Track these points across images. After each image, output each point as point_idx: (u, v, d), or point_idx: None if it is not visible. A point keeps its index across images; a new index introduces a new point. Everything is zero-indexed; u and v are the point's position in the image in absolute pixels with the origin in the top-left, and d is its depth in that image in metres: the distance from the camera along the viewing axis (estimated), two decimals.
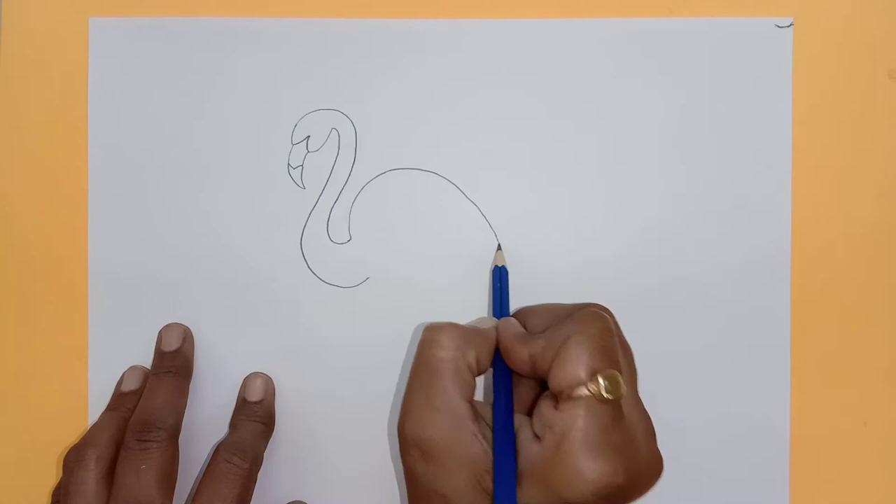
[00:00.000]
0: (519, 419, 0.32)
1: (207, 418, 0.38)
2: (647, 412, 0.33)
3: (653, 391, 0.38)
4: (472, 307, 0.38)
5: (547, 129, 0.38)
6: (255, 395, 0.37)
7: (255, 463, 0.35)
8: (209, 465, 0.35)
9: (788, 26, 0.38)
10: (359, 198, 0.38)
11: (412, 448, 0.31)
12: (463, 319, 0.37)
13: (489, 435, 0.31)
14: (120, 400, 0.37)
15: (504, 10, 0.38)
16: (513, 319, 0.35)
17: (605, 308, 0.34)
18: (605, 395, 0.29)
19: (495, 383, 0.34)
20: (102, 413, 0.37)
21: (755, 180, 0.38)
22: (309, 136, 0.38)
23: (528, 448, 0.30)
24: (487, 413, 0.33)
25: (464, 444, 0.30)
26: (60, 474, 0.35)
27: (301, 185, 0.38)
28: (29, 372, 0.38)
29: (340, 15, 0.38)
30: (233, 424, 0.37)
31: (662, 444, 0.38)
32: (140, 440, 0.34)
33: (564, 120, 0.38)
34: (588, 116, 0.38)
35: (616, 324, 0.33)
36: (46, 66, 0.38)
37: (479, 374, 0.33)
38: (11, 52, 0.38)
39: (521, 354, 0.32)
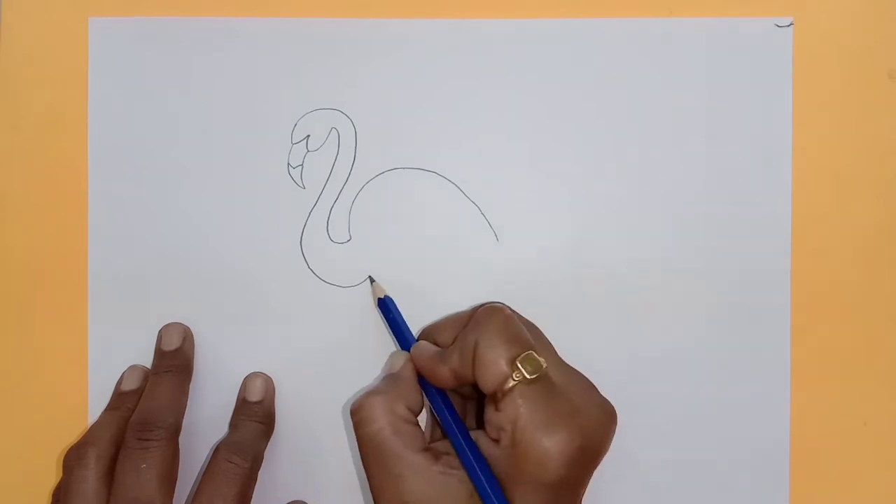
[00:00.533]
0: (474, 433, 0.33)
1: (207, 418, 0.38)
2: (576, 371, 0.33)
3: (652, 391, 0.38)
4: (471, 307, 0.38)
5: (547, 129, 0.38)
6: (255, 394, 0.37)
7: (255, 462, 0.35)
8: (209, 464, 0.35)
9: (788, 26, 0.38)
10: (359, 197, 0.38)
11: None
12: None
13: (457, 462, 0.32)
14: (120, 399, 0.37)
15: (504, 10, 0.38)
16: (423, 343, 0.35)
17: (498, 303, 0.35)
18: (528, 376, 0.31)
19: (436, 409, 0.34)
20: (102, 412, 0.37)
21: (755, 180, 0.38)
22: (309, 136, 0.38)
23: (492, 453, 0.31)
24: (447, 446, 0.33)
25: (441, 488, 0.31)
26: (60, 474, 0.35)
27: (301, 185, 0.38)
28: (29, 372, 0.38)
29: (340, 15, 0.38)
30: (233, 424, 0.37)
31: (663, 444, 0.38)
32: (140, 439, 0.34)
33: (564, 120, 0.38)
34: (588, 116, 0.38)
35: (512, 310, 0.34)
36: (46, 66, 0.38)
37: (417, 414, 0.34)
38: (11, 52, 0.38)
39: (443, 373, 0.33)
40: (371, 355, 0.38)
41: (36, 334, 0.38)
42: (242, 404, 0.37)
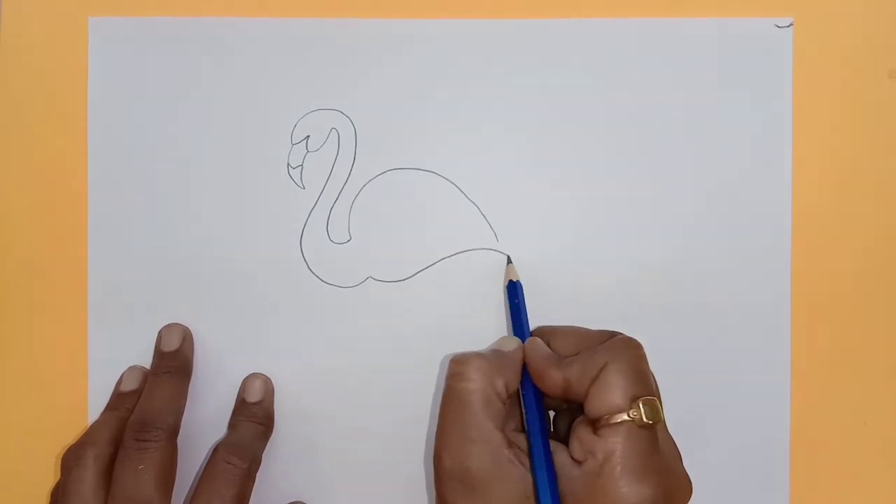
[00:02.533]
0: (553, 444, 0.33)
1: (207, 418, 0.38)
2: (672, 437, 0.33)
3: None
4: (472, 307, 0.38)
5: (547, 129, 0.38)
6: (254, 395, 0.37)
7: (254, 463, 0.35)
8: (207, 464, 0.35)
9: (788, 26, 0.38)
10: (358, 197, 0.38)
11: (453, 481, 0.31)
12: (462, 319, 0.38)
13: (526, 460, 0.32)
14: (119, 400, 0.37)
15: (504, 10, 0.38)
16: (539, 341, 0.35)
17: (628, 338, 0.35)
18: (645, 420, 0.30)
19: (527, 405, 0.34)
20: (101, 413, 0.37)
21: (755, 180, 0.38)
22: (309, 136, 0.38)
23: (569, 472, 0.31)
24: (520, 440, 0.33)
25: (503, 472, 0.31)
26: (59, 474, 0.35)
27: (301, 185, 0.38)
28: (29, 372, 0.38)
29: (340, 15, 0.38)
30: (232, 425, 0.37)
31: None
32: (139, 440, 0.34)
33: (564, 120, 0.38)
34: (588, 116, 0.38)
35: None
36: (46, 66, 0.38)
37: (508, 397, 0.33)
38: (11, 52, 0.38)
39: (555, 379, 0.33)
40: (371, 355, 0.38)
41: (36, 334, 0.38)
42: (241, 405, 0.37)
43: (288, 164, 0.38)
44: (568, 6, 0.38)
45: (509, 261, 0.38)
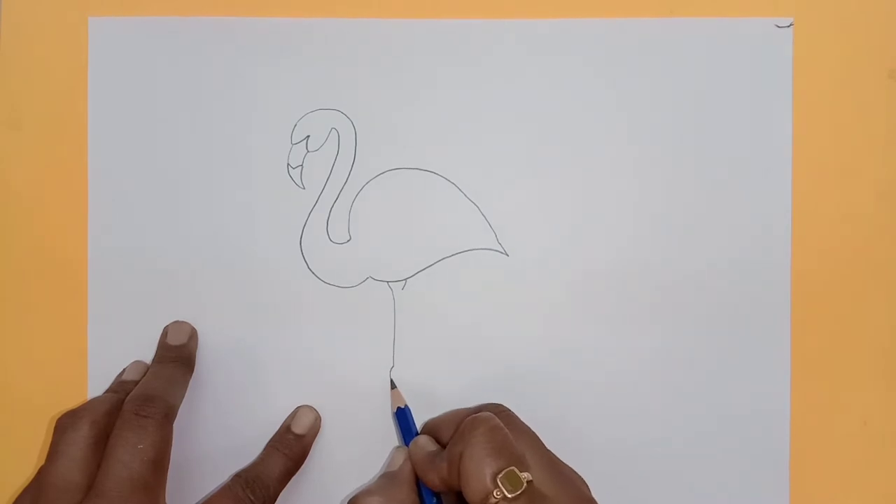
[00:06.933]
0: None
1: (205, 419, 0.38)
2: (570, 480, 0.33)
3: (652, 392, 0.38)
4: (472, 309, 0.38)
5: (547, 129, 0.38)
6: (300, 427, 0.37)
7: (268, 501, 0.35)
8: (222, 489, 0.34)
9: (788, 26, 0.38)
10: (358, 197, 0.38)
11: None
12: (463, 321, 0.38)
13: None
14: (120, 385, 0.36)
15: (504, 10, 0.38)
16: (421, 439, 0.36)
17: (494, 406, 0.35)
18: (508, 495, 0.30)
19: None
20: (102, 394, 0.37)
21: (755, 180, 0.38)
22: (309, 136, 0.38)
23: None
24: None
25: None
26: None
27: (301, 185, 0.38)
28: (28, 370, 0.38)
29: (340, 15, 0.38)
30: (265, 452, 0.37)
31: (663, 444, 0.38)
32: (138, 413, 0.33)
33: (564, 119, 0.38)
34: (587, 116, 0.38)
35: (508, 414, 0.35)
36: (46, 66, 0.38)
37: None
38: (11, 52, 0.38)
39: (433, 481, 0.34)
40: (371, 355, 0.38)
41: (36, 334, 0.38)
42: (284, 432, 0.37)
43: (288, 164, 0.38)
44: (568, 6, 0.38)
45: (393, 385, 0.38)
